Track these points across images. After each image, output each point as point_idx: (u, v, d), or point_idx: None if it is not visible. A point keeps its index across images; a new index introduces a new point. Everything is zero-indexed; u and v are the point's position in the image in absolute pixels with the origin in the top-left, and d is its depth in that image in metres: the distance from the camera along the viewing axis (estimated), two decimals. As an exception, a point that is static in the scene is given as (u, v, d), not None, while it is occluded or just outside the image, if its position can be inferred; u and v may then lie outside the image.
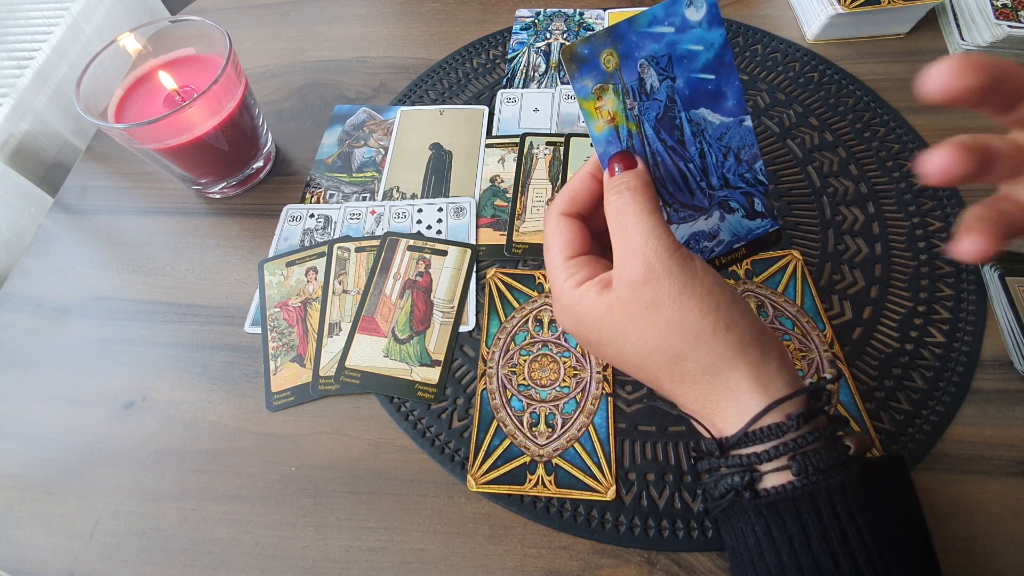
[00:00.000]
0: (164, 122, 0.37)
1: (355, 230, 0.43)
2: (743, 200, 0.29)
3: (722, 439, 0.24)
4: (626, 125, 0.26)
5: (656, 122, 0.26)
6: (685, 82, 0.25)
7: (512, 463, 0.34)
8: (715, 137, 0.27)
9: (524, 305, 0.39)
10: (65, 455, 0.37)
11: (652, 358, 0.25)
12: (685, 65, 0.25)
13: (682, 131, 0.26)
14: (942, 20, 0.50)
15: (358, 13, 0.58)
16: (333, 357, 0.38)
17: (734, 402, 0.24)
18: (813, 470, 0.22)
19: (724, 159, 0.27)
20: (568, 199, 0.28)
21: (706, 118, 0.26)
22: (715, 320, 0.23)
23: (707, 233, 0.29)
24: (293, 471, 0.35)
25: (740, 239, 0.30)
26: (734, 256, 0.30)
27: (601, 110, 0.25)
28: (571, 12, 0.55)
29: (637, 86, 0.25)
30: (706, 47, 0.25)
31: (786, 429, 0.23)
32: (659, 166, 0.27)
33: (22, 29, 0.57)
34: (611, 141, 0.26)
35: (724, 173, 0.28)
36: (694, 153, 0.27)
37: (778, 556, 0.22)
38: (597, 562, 0.31)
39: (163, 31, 0.43)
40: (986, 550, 0.30)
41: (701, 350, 0.23)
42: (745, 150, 0.27)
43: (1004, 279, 0.36)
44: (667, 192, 0.28)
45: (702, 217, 0.29)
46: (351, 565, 0.32)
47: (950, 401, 0.34)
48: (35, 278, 0.44)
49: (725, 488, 0.24)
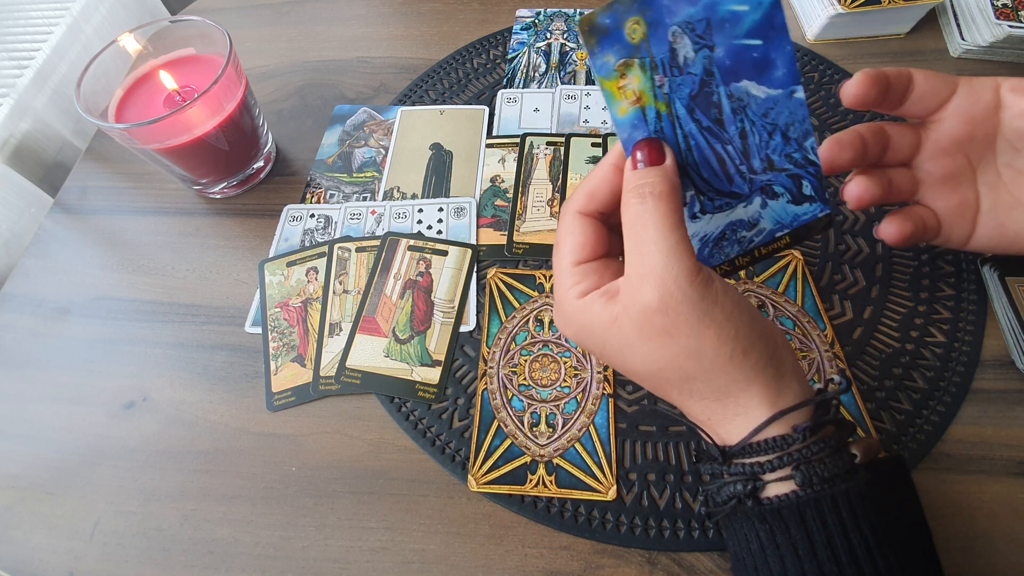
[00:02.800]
0: (164, 122, 0.37)
1: (355, 230, 0.43)
2: (789, 183, 0.25)
3: (725, 447, 0.24)
4: (654, 106, 0.22)
5: (690, 100, 0.23)
6: (726, 51, 0.22)
7: (513, 463, 0.34)
8: (760, 113, 0.23)
9: (525, 305, 0.39)
10: (65, 455, 0.37)
11: (662, 375, 0.24)
12: (727, 30, 0.21)
13: (720, 109, 0.23)
14: (942, 20, 0.50)
15: (358, 13, 0.58)
16: (334, 357, 0.38)
17: (741, 416, 0.23)
18: (817, 480, 0.22)
19: (769, 138, 0.24)
20: (587, 196, 0.25)
21: (750, 92, 0.23)
22: (733, 348, 0.22)
23: (746, 222, 0.26)
24: (294, 471, 0.35)
25: (784, 227, 0.26)
26: (776, 246, 0.27)
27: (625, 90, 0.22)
28: (571, 12, 0.55)
29: (668, 59, 0.22)
30: (753, 7, 0.21)
31: (792, 441, 0.22)
32: (693, 151, 0.24)
33: (22, 29, 0.57)
34: (636, 125, 0.23)
35: (769, 154, 0.24)
36: (734, 133, 0.23)
37: (782, 562, 0.22)
38: (598, 562, 0.31)
39: (163, 31, 0.43)
40: (987, 550, 0.30)
41: (715, 374, 0.23)
42: (795, 126, 0.24)
43: (1004, 279, 0.36)
44: (701, 180, 0.25)
45: (741, 205, 0.25)
46: (352, 565, 0.32)
47: (951, 401, 0.34)
48: (35, 278, 0.44)
49: (728, 495, 0.24)
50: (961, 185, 0.31)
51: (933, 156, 0.31)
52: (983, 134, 0.30)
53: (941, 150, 0.30)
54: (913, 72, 0.29)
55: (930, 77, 0.29)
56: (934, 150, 0.30)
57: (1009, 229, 0.31)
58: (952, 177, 0.31)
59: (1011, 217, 0.30)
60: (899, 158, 0.31)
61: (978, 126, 0.29)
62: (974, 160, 0.31)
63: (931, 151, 0.31)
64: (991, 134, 0.30)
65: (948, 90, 0.29)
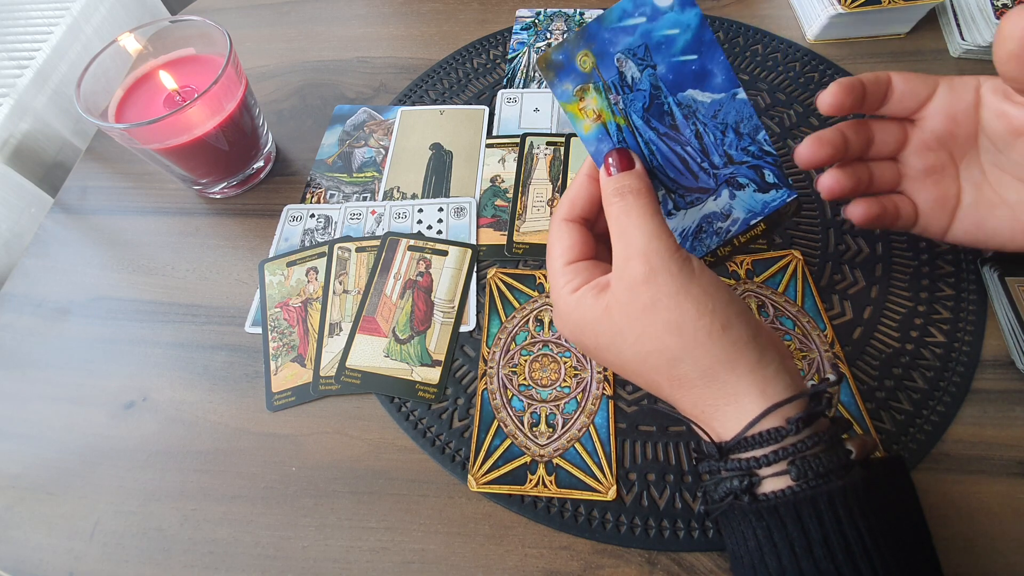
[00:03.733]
0: (164, 122, 0.37)
1: (356, 230, 0.43)
2: (752, 174, 0.28)
3: (721, 443, 0.24)
4: (613, 120, 0.26)
5: (644, 111, 0.26)
6: (667, 67, 0.25)
7: (513, 463, 0.34)
8: (709, 116, 0.26)
9: (525, 305, 0.39)
10: (65, 455, 0.37)
11: (650, 361, 0.25)
12: (664, 51, 0.25)
13: (673, 116, 0.26)
14: (942, 20, 0.50)
15: (358, 13, 0.58)
16: (334, 357, 0.38)
17: (732, 405, 0.24)
18: (812, 475, 0.22)
19: (723, 136, 0.27)
20: (568, 204, 0.28)
21: (696, 98, 0.26)
22: (711, 321, 0.23)
23: (719, 214, 0.29)
24: (294, 471, 0.35)
25: (756, 214, 0.29)
26: (753, 233, 0.30)
27: (585, 110, 0.25)
28: (571, 12, 0.55)
29: (618, 80, 0.25)
30: (682, 29, 0.25)
31: (785, 433, 0.23)
32: (655, 155, 0.27)
33: (22, 29, 0.57)
34: (601, 139, 0.26)
35: (726, 150, 0.27)
36: (690, 135, 0.27)
37: (779, 560, 0.22)
38: (598, 562, 0.31)
39: (163, 31, 0.43)
40: (987, 550, 0.30)
41: (698, 353, 0.23)
42: (744, 123, 0.27)
43: (1004, 279, 0.36)
44: (668, 179, 0.27)
45: (710, 198, 0.28)
46: (352, 565, 0.32)
47: (951, 401, 0.34)
48: (35, 278, 0.44)
49: (724, 491, 0.24)
50: (943, 180, 0.32)
51: (917, 151, 0.32)
52: (965, 132, 0.31)
53: (924, 146, 0.32)
54: (892, 75, 0.31)
55: (910, 79, 0.30)
56: (918, 146, 0.32)
57: (987, 225, 0.32)
58: (934, 171, 0.32)
59: (992, 215, 0.31)
60: (884, 152, 0.33)
61: (960, 124, 0.31)
62: (957, 156, 0.32)
63: (915, 146, 0.32)
64: (973, 132, 0.31)
65: (928, 90, 0.30)
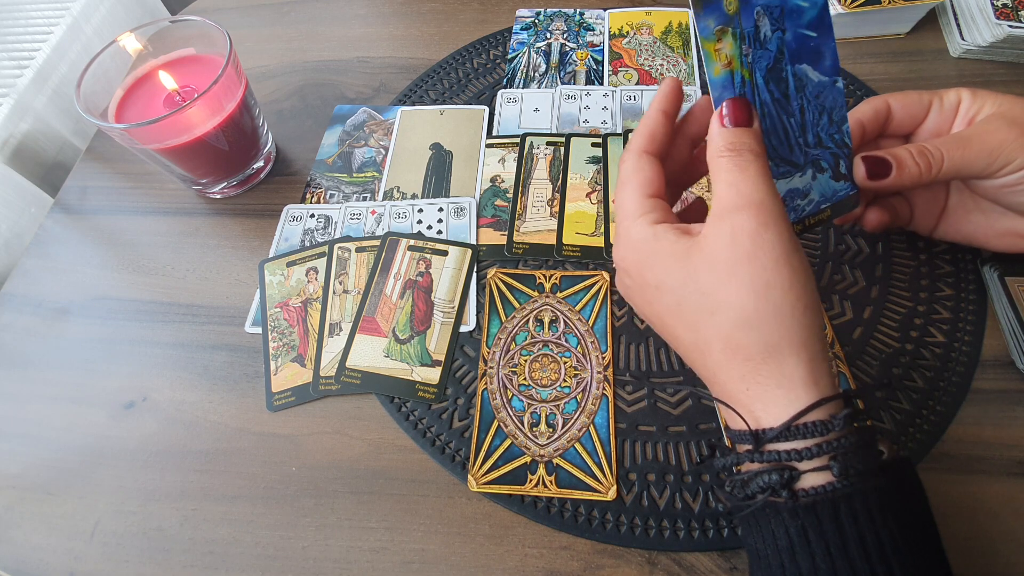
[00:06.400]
0: (164, 122, 0.37)
1: (355, 230, 0.43)
2: (831, 161, 0.29)
3: (759, 431, 0.23)
4: (741, 72, 0.26)
5: (766, 72, 0.27)
6: (793, 36, 0.26)
7: (513, 463, 0.34)
8: (813, 95, 0.28)
9: (525, 305, 0.39)
10: (65, 455, 0.37)
11: (716, 317, 0.24)
12: (794, 19, 0.26)
13: (787, 85, 0.27)
14: (942, 20, 0.50)
15: (358, 13, 0.58)
16: (334, 357, 0.38)
17: (784, 389, 0.23)
18: (854, 472, 0.22)
19: (819, 117, 0.28)
20: (647, 137, 0.28)
21: (807, 74, 0.27)
22: (797, 297, 0.23)
23: (800, 191, 0.29)
24: (294, 471, 0.35)
25: (827, 200, 0.30)
26: (820, 218, 0.31)
27: (720, 52, 0.26)
28: (571, 12, 0.55)
29: (753, 33, 0.26)
30: (811, 4, 0.26)
31: (831, 428, 0.22)
32: (766, 117, 0.27)
33: (22, 29, 0.57)
34: (726, 86, 0.26)
35: (818, 132, 0.28)
36: (795, 108, 0.28)
37: (812, 559, 0.21)
38: (598, 562, 0.31)
39: (163, 31, 0.43)
40: (987, 550, 0.30)
41: (774, 324, 0.23)
42: (836, 111, 0.28)
43: (1004, 279, 0.36)
44: (770, 145, 0.28)
45: (797, 174, 0.29)
46: (352, 565, 0.32)
47: (951, 401, 0.34)
48: (35, 278, 0.44)
49: (760, 486, 0.23)
50: (935, 185, 0.35)
51: None
52: None
53: None
54: (889, 100, 0.33)
55: (907, 103, 0.33)
56: None
57: (963, 228, 0.35)
58: None
59: (966, 219, 0.35)
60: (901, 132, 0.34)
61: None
62: None
63: None
64: None
65: (923, 111, 0.33)
